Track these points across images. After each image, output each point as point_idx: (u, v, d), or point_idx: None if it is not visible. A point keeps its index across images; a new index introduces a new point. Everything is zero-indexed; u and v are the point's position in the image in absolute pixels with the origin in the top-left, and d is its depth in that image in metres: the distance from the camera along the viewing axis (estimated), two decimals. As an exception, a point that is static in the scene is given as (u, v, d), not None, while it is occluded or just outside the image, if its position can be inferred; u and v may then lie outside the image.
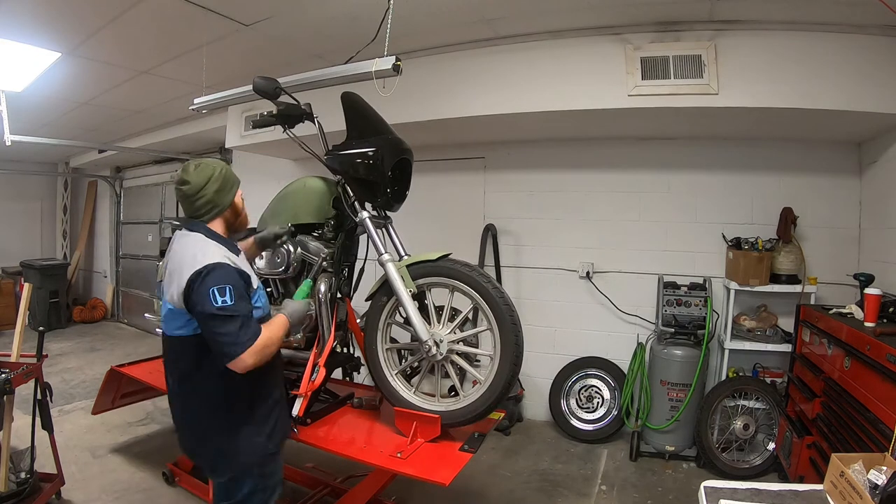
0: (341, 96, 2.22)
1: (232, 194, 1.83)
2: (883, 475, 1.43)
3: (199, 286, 1.57)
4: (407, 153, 2.26)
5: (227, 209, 1.82)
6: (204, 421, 1.73)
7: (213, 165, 1.79)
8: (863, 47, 2.74)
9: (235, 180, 1.86)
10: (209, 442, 1.73)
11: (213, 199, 1.77)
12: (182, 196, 1.78)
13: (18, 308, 2.93)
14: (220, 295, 1.57)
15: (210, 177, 1.76)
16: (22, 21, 2.99)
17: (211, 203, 1.77)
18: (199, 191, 1.75)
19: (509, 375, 2.01)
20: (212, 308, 1.56)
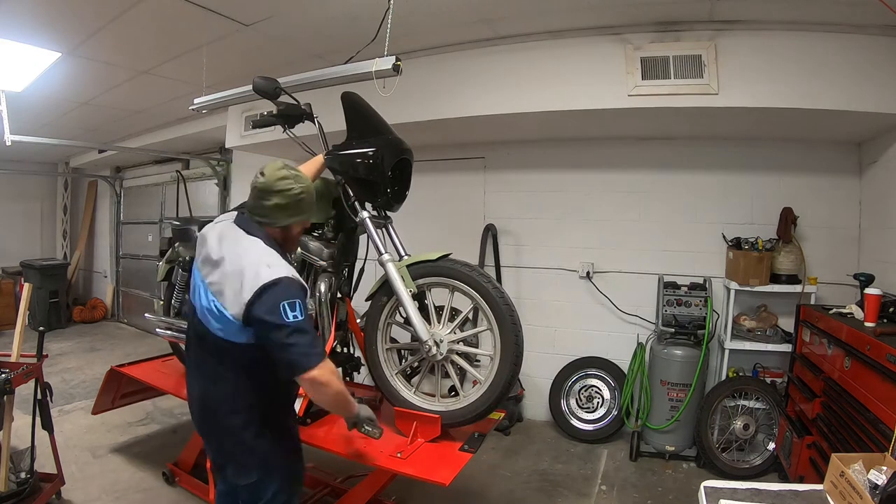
0: (341, 96, 2.22)
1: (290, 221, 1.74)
2: (883, 475, 1.43)
3: (268, 299, 1.52)
4: (407, 153, 2.26)
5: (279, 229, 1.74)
6: (239, 413, 1.68)
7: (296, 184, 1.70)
8: (863, 47, 2.74)
9: (305, 212, 1.76)
10: (245, 433, 1.69)
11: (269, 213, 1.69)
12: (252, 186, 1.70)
13: (18, 308, 2.93)
14: (290, 309, 1.53)
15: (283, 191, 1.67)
16: (22, 21, 2.99)
17: (264, 212, 1.69)
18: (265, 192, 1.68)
19: (509, 375, 2.01)
20: (280, 320, 1.51)
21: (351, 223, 2.32)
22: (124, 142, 6.33)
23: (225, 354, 1.66)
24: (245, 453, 1.71)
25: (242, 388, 1.68)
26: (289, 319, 1.52)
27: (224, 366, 1.68)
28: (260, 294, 1.52)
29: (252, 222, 1.72)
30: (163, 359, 3.45)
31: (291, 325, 1.52)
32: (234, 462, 1.75)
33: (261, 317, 1.52)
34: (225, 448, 1.77)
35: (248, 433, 1.69)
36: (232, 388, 1.68)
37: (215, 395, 1.71)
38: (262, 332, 1.56)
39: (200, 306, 1.68)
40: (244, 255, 1.62)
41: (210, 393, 1.72)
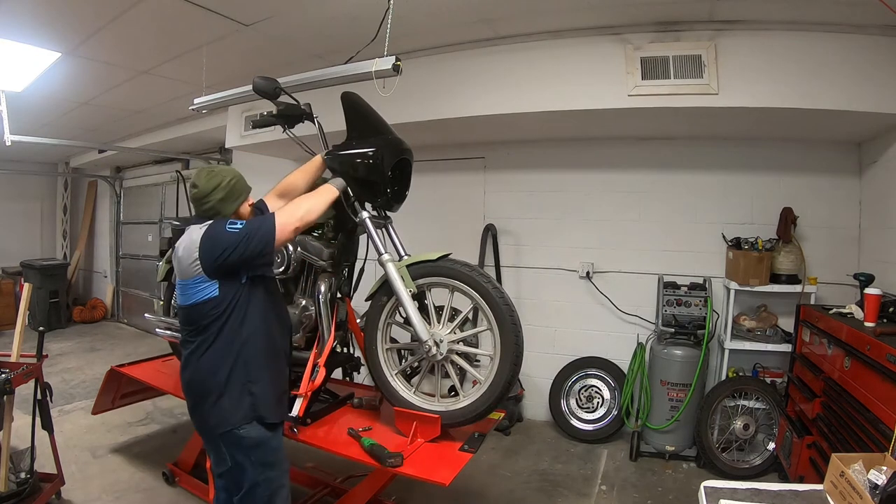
0: (341, 96, 2.22)
1: (236, 204, 1.93)
2: (883, 475, 1.42)
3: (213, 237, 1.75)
4: (407, 153, 2.26)
5: (238, 212, 1.94)
6: (207, 382, 1.81)
7: (224, 175, 1.91)
8: (863, 47, 2.74)
9: (244, 191, 1.96)
10: (208, 401, 1.81)
11: (217, 207, 1.89)
12: (191, 197, 1.94)
13: (18, 308, 2.93)
14: (232, 225, 1.77)
15: (217, 185, 1.88)
16: (22, 21, 2.99)
17: (214, 210, 1.89)
18: (204, 196, 1.88)
19: (509, 375, 2.01)
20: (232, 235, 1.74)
21: (351, 223, 2.32)
22: (124, 142, 6.33)
23: (198, 319, 1.81)
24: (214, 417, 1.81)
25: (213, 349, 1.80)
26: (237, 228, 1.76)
27: (201, 335, 1.81)
28: (204, 243, 1.75)
29: (201, 220, 1.89)
30: (163, 359, 3.45)
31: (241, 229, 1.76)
32: (211, 440, 1.87)
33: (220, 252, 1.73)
34: (204, 423, 1.87)
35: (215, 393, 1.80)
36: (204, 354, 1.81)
37: (193, 369, 1.85)
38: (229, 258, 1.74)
39: (178, 293, 1.90)
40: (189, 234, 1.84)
41: (189, 369, 1.86)
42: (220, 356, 1.80)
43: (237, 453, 1.82)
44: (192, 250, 1.77)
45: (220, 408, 1.80)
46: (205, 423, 1.85)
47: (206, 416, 1.83)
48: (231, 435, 1.80)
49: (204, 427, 1.88)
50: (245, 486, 1.83)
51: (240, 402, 1.81)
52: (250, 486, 1.82)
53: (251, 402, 1.81)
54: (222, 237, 1.75)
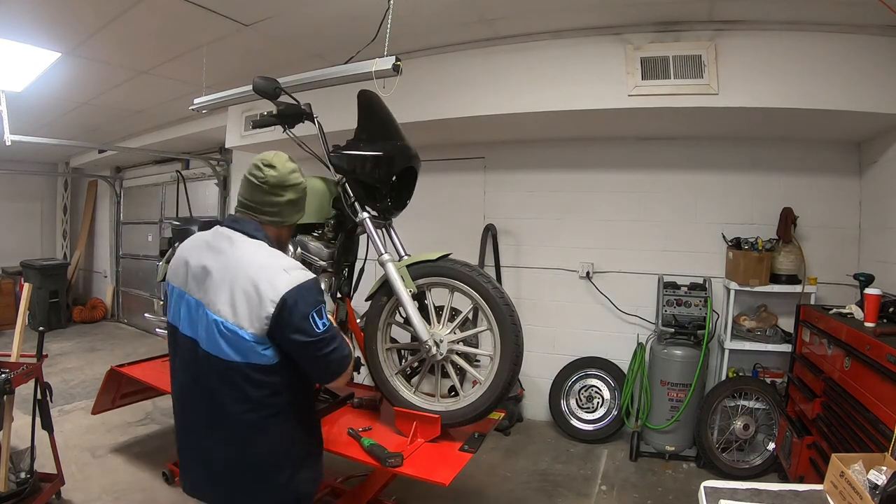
0: (358, 93, 2.20)
1: (298, 217, 1.60)
2: (883, 475, 1.42)
3: (297, 310, 1.36)
4: (415, 161, 2.25)
5: (286, 228, 1.59)
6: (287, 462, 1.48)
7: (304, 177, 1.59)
8: (863, 47, 2.74)
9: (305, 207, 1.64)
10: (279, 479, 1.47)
11: (284, 208, 1.52)
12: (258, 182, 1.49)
13: (18, 308, 2.93)
14: (318, 317, 1.40)
15: (298, 182, 1.54)
16: (22, 21, 2.99)
17: (279, 208, 1.51)
18: (279, 185, 1.49)
19: (509, 375, 2.01)
20: (315, 334, 1.39)
21: (351, 223, 2.31)
22: (124, 142, 6.33)
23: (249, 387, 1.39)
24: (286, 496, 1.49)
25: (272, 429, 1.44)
26: (320, 330, 1.40)
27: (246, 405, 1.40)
28: (283, 304, 1.34)
29: (248, 222, 1.50)
30: (163, 359, 3.44)
31: (324, 335, 1.41)
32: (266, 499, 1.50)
33: (291, 335, 1.37)
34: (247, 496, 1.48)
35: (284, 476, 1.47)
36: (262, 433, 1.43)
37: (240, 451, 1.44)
38: (294, 346, 1.40)
39: (203, 330, 1.40)
40: (251, 260, 1.40)
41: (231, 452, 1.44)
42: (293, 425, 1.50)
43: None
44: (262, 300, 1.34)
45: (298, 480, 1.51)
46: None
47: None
48: None
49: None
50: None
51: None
52: None
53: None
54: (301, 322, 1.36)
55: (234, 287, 1.37)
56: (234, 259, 1.41)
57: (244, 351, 1.37)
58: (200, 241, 1.52)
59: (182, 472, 1.59)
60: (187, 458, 1.55)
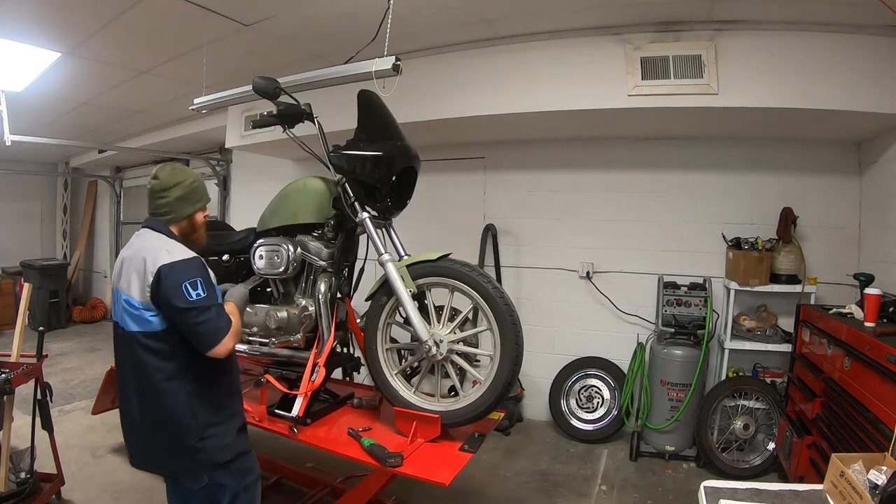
0: (358, 93, 2.20)
1: (193, 208, 1.83)
2: (883, 475, 1.42)
3: (169, 281, 1.60)
4: (415, 161, 2.25)
5: (184, 220, 1.82)
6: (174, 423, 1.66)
7: (188, 175, 1.83)
8: (863, 47, 2.74)
9: (203, 197, 1.87)
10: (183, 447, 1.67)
11: (172, 205, 1.78)
12: (148, 190, 1.82)
13: (18, 308, 2.93)
14: (192, 288, 1.62)
15: (179, 182, 1.79)
16: (22, 21, 2.99)
17: (169, 206, 1.78)
18: (163, 190, 1.77)
19: (509, 375, 2.01)
20: (187, 302, 1.60)
21: (351, 223, 2.32)
22: (124, 142, 6.33)
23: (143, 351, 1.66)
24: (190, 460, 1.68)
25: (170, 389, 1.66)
26: (192, 298, 1.60)
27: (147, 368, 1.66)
28: (159, 276, 1.60)
29: (153, 221, 1.80)
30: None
31: (196, 304, 1.61)
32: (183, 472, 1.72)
33: (166, 300, 1.60)
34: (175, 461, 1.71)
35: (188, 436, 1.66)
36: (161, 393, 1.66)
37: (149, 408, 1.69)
38: (170, 314, 1.63)
39: (116, 312, 1.72)
40: (145, 245, 1.71)
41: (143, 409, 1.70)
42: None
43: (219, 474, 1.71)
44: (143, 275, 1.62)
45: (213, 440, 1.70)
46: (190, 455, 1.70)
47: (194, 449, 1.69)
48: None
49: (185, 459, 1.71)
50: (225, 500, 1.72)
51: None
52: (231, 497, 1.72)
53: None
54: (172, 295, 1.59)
55: (131, 268, 1.67)
56: (136, 248, 1.72)
57: (138, 320, 1.65)
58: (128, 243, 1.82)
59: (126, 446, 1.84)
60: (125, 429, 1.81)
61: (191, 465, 1.69)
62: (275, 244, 2.36)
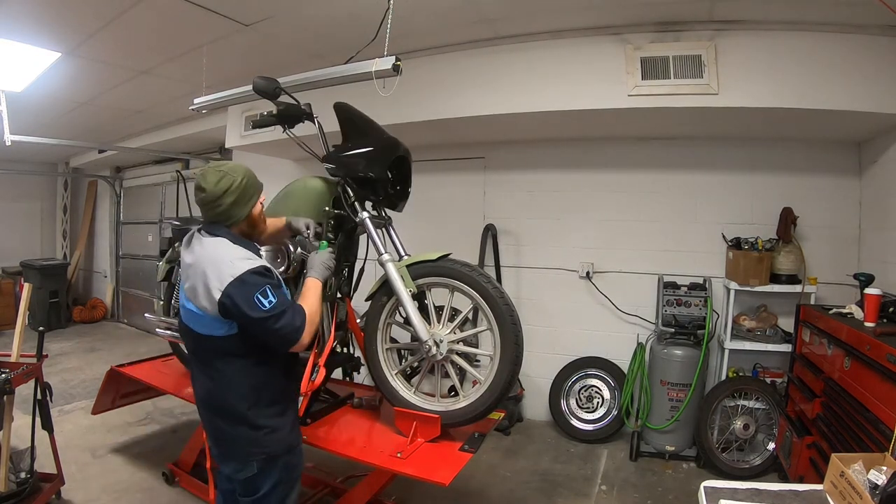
0: (334, 106, 2.23)
1: (249, 207, 1.79)
2: (883, 475, 1.43)
3: (240, 296, 1.61)
4: (403, 151, 2.27)
5: (244, 221, 1.81)
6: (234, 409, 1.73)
7: (234, 174, 1.74)
8: (863, 47, 2.74)
9: (256, 189, 1.82)
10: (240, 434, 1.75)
11: (229, 212, 1.75)
12: (199, 202, 1.78)
13: (18, 308, 2.93)
14: (263, 298, 1.63)
15: (228, 188, 1.72)
16: (22, 21, 2.99)
17: (226, 215, 1.76)
18: (214, 200, 1.73)
19: (509, 375, 2.01)
20: (261, 312, 1.62)
21: (351, 223, 2.32)
22: (124, 142, 6.33)
23: (213, 350, 1.73)
24: (245, 446, 1.75)
25: (235, 381, 1.73)
26: (266, 308, 1.63)
27: (216, 362, 1.74)
28: (229, 291, 1.61)
29: (212, 225, 1.79)
30: (163, 359, 3.45)
31: (270, 312, 1.63)
32: (234, 458, 1.78)
33: (240, 314, 1.62)
34: (227, 445, 1.80)
35: (246, 425, 1.73)
36: (226, 383, 1.73)
37: (213, 393, 1.77)
38: (246, 324, 1.66)
39: (184, 311, 1.77)
40: (208, 256, 1.70)
41: (209, 391, 1.78)
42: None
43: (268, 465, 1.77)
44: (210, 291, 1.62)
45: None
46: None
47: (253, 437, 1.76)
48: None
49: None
50: (265, 489, 1.76)
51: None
52: (271, 487, 1.77)
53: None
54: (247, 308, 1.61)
55: (196, 278, 1.67)
56: (197, 256, 1.72)
57: (207, 326, 1.69)
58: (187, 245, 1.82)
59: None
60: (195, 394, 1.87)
61: (243, 453, 1.75)
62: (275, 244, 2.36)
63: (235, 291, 1.61)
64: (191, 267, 1.71)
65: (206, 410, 1.83)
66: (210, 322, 1.68)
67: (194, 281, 1.68)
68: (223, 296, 1.61)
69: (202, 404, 1.84)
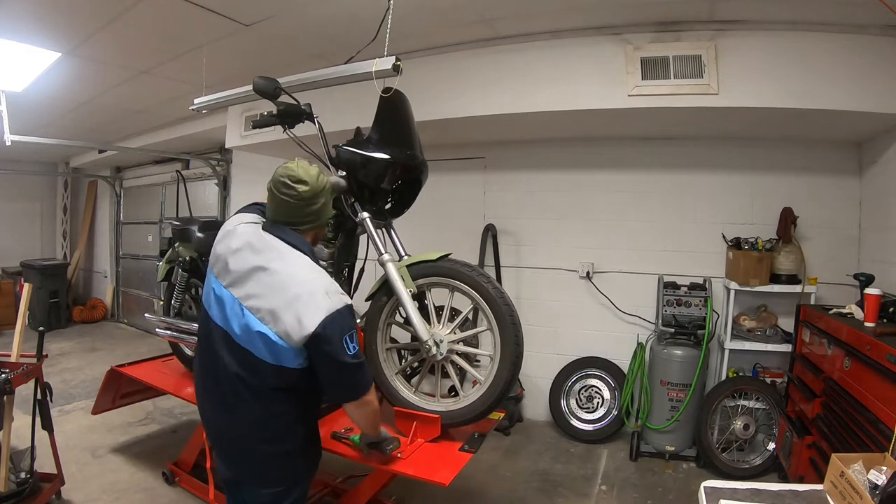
0: (384, 90, 2.13)
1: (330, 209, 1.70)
2: (883, 475, 1.42)
3: (335, 334, 1.48)
4: (420, 173, 2.23)
5: (322, 227, 1.70)
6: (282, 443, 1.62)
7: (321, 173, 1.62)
8: (863, 47, 2.74)
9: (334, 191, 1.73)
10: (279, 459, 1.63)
11: (321, 211, 1.62)
12: (295, 197, 1.57)
13: (18, 308, 2.93)
14: (350, 341, 1.52)
15: (324, 186, 1.61)
16: (22, 21, 2.99)
17: (317, 214, 1.61)
18: (313, 197, 1.58)
19: (509, 375, 2.01)
20: (349, 358, 1.51)
21: (351, 223, 2.31)
22: (124, 142, 6.33)
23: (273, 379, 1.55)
24: (273, 469, 1.63)
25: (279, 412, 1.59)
26: (351, 353, 1.51)
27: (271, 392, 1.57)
28: (324, 326, 1.46)
29: (292, 233, 1.60)
30: (163, 359, 3.45)
31: (357, 359, 1.53)
32: (257, 478, 1.65)
33: (325, 351, 1.48)
34: (250, 467, 1.65)
35: (279, 452, 1.62)
36: (263, 412, 1.58)
37: (245, 420, 1.59)
38: (323, 363, 1.53)
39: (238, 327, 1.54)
40: (300, 277, 1.52)
41: (253, 419, 1.60)
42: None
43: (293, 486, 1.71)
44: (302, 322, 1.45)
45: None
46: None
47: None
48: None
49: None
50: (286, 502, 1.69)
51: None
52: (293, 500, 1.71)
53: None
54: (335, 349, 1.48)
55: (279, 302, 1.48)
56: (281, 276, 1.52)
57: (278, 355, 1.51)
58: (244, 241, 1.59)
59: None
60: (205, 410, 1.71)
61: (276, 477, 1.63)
62: None
63: (332, 328, 1.46)
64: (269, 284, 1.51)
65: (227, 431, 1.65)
66: (285, 352, 1.50)
67: (274, 303, 1.48)
68: (319, 327, 1.45)
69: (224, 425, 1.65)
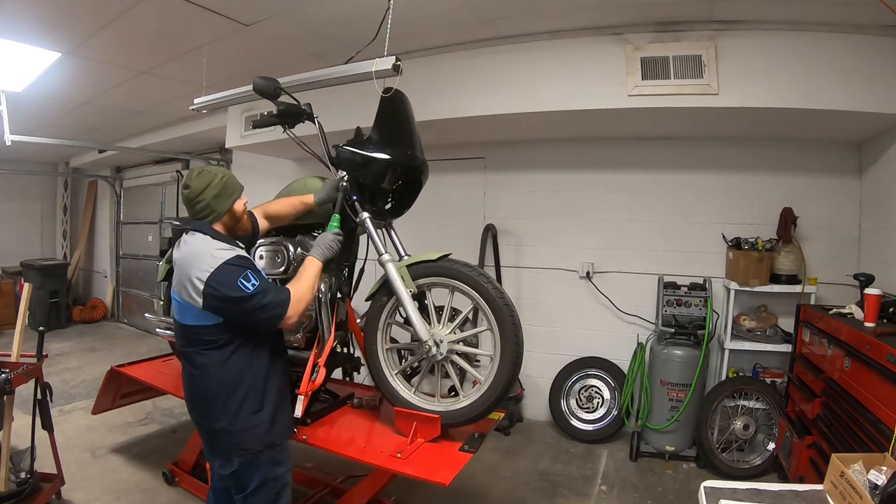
0: (385, 90, 2.14)
1: (231, 201, 1.91)
2: (883, 475, 1.42)
3: (223, 283, 1.71)
4: (420, 174, 2.23)
5: (226, 214, 1.91)
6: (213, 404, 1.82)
7: (215, 172, 1.90)
8: (863, 47, 2.74)
9: (236, 188, 1.94)
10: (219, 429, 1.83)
11: (211, 204, 1.87)
12: (184, 199, 1.92)
13: (18, 308, 2.93)
14: (246, 281, 1.73)
15: (209, 183, 1.86)
16: (22, 21, 2.99)
17: (209, 207, 1.87)
18: (197, 195, 1.86)
19: (509, 375, 2.01)
20: (245, 293, 1.71)
21: (351, 223, 2.31)
22: (124, 142, 6.33)
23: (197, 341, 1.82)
24: (225, 441, 1.83)
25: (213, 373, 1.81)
26: (250, 289, 1.72)
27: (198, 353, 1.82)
28: (212, 281, 1.71)
29: (198, 224, 1.90)
30: (163, 359, 3.45)
31: (254, 292, 1.73)
32: (217, 454, 1.88)
33: (225, 297, 1.71)
34: (210, 440, 1.89)
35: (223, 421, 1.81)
36: (206, 375, 1.82)
37: (195, 385, 1.87)
38: (232, 308, 1.74)
39: (173, 304, 1.89)
40: (191, 251, 1.81)
41: (192, 384, 1.88)
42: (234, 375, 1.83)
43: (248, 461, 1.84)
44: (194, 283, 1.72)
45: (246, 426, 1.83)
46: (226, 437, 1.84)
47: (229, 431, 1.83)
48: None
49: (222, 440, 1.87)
50: (252, 485, 1.84)
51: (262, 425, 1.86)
52: (258, 484, 1.84)
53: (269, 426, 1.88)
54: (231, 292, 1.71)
55: (182, 274, 1.79)
56: (184, 253, 1.83)
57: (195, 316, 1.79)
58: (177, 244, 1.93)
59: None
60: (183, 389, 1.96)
61: (223, 447, 1.84)
62: (275, 244, 2.36)
63: (218, 280, 1.71)
64: (177, 264, 1.84)
65: (190, 404, 1.92)
66: (197, 313, 1.77)
67: (180, 276, 1.80)
68: (206, 286, 1.71)
69: (187, 398, 1.93)
